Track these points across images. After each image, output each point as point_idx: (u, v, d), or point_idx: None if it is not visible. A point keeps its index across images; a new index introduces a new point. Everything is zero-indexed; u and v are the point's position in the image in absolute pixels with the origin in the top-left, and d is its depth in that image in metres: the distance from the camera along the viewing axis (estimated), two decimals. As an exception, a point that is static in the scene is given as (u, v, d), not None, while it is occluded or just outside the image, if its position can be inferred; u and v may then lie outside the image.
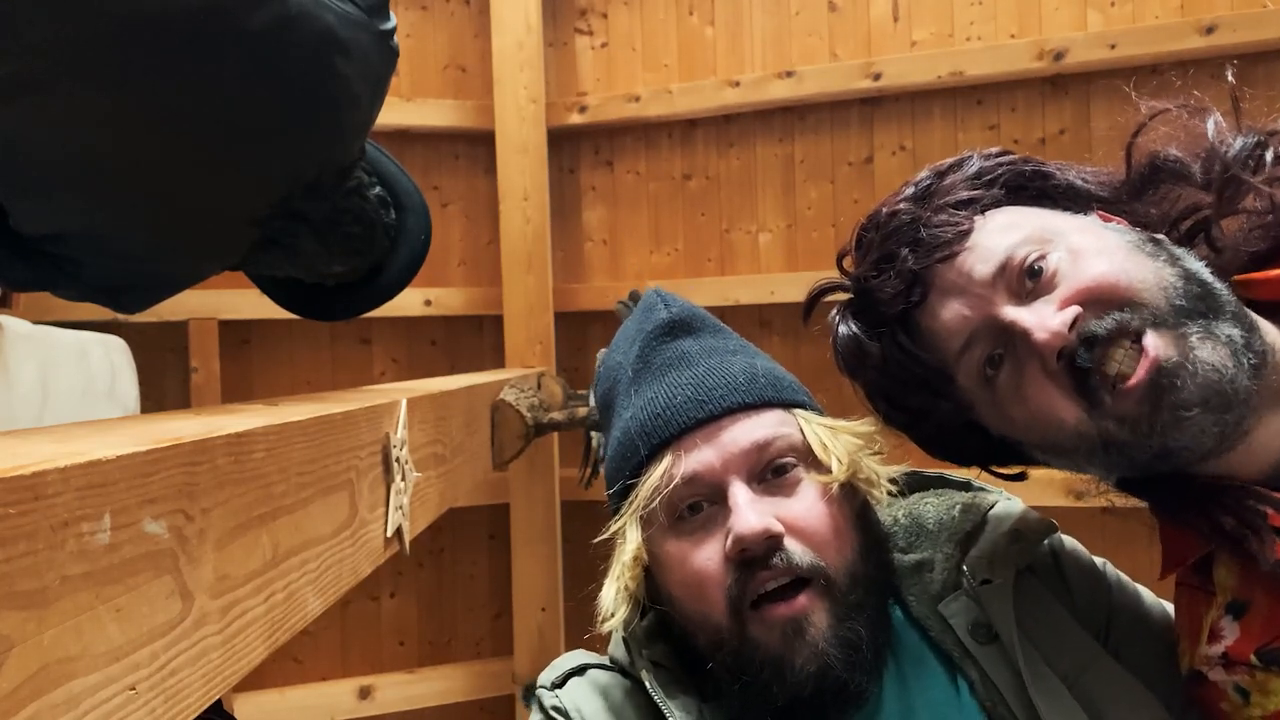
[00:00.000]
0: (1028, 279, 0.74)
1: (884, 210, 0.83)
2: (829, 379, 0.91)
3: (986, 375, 0.77)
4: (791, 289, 2.64)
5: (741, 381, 0.85)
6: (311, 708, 2.70)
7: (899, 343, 0.81)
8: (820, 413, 0.89)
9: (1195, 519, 0.74)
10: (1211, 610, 0.76)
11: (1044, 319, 0.71)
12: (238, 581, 0.59)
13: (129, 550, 0.46)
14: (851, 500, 0.85)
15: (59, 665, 0.40)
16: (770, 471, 0.82)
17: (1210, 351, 0.67)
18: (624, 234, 2.91)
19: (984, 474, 0.93)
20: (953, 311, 0.77)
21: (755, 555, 0.77)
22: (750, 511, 0.78)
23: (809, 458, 0.83)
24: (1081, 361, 0.70)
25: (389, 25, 1.16)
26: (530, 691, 3.17)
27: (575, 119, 2.86)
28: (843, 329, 0.85)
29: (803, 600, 0.77)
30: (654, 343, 0.91)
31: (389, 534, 0.93)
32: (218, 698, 0.56)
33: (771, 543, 0.77)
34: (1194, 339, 0.68)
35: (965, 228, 0.78)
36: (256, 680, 2.67)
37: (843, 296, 0.88)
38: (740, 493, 0.79)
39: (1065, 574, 0.88)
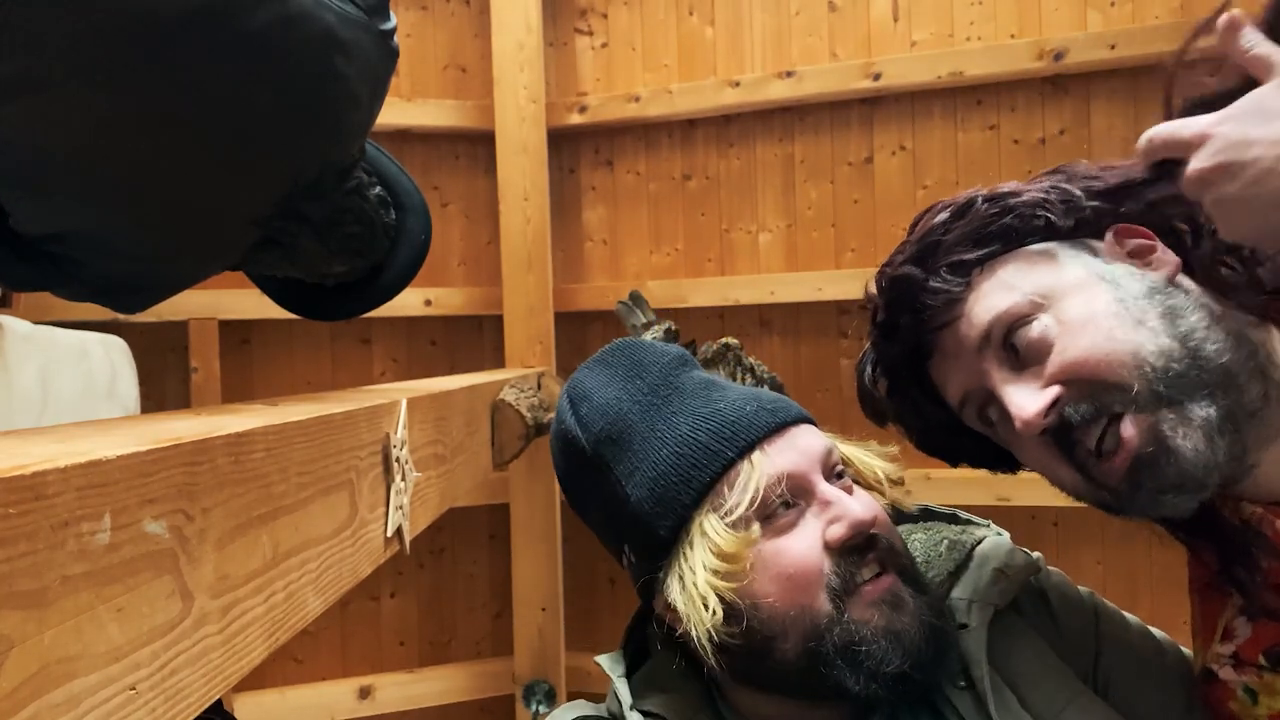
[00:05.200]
0: (1012, 346, 0.75)
1: (888, 271, 0.84)
2: (829, 379, 0.92)
3: (988, 421, 0.81)
4: (791, 289, 2.61)
5: (786, 401, 0.88)
6: (311, 708, 2.70)
7: (912, 397, 0.87)
8: None
9: (1207, 553, 0.78)
10: (1227, 610, 0.78)
11: (1023, 406, 0.73)
12: (238, 581, 0.59)
13: (129, 550, 0.46)
14: None
15: (59, 665, 0.40)
16: (835, 475, 0.84)
17: (1183, 439, 0.69)
18: (624, 234, 2.91)
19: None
20: (949, 376, 0.82)
21: (859, 542, 0.79)
22: (854, 500, 0.81)
23: (851, 469, 0.87)
24: (1062, 438, 0.74)
25: (389, 25, 1.16)
26: (530, 692, 3.13)
27: (575, 119, 2.86)
28: (864, 383, 0.91)
29: (889, 579, 0.79)
30: (674, 372, 0.90)
31: (389, 534, 0.93)
32: (218, 697, 0.56)
33: (877, 529, 0.80)
34: (1166, 427, 0.69)
35: (957, 295, 0.79)
36: (256, 680, 2.67)
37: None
38: (831, 487, 0.82)
39: (1052, 609, 0.88)
